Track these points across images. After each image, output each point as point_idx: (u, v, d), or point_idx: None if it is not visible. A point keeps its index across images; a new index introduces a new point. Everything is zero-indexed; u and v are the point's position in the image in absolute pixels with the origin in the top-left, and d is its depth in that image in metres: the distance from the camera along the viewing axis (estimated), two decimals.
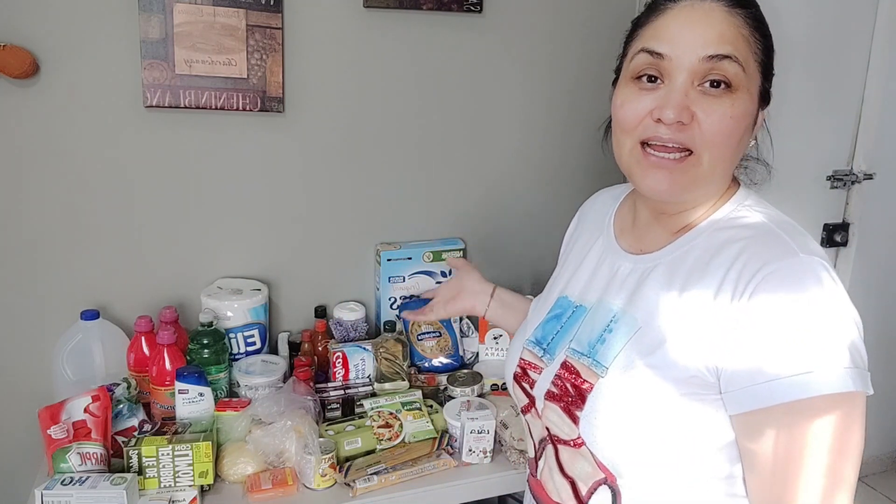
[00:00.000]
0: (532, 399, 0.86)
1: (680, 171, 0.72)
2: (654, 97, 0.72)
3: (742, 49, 0.71)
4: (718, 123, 0.70)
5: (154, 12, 1.35)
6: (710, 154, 0.72)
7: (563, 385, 0.81)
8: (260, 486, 1.12)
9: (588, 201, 1.04)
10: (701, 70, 0.70)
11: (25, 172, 1.36)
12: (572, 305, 0.87)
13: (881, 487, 2.56)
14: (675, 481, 0.74)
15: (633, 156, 0.75)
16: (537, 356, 0.87)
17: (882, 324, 2.38)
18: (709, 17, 0.71)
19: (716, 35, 0.70)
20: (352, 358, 1.42)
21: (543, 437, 0.85)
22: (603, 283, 0.85)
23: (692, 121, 0.71)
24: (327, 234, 1.60)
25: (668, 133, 0.71)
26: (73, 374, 1.31)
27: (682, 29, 0.71)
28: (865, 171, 2.16)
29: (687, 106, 0.70)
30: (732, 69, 0.70)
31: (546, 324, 0.89)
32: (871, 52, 2.10)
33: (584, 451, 0.78)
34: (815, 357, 0.64)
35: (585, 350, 0.80)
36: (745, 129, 0.74)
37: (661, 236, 0.81)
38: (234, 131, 1.47)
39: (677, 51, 0.71)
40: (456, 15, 1.57)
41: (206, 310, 1.39)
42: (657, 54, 0.72)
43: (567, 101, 1.71)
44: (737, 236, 0.73)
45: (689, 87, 0.71)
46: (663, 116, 0.71)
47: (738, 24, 0.71)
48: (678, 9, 0.72)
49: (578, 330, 0.83)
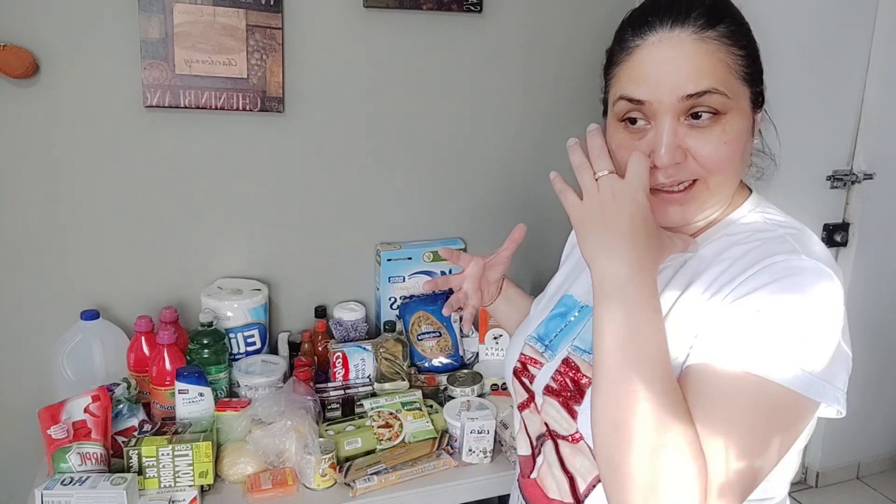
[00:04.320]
0: (531, 394, 0.87)
1: (689, 199, 0.73)
2: (646, 142, 0.72)
3: (722, 76, 0.69)
4: (713, 151, 0.70)
5: (154, 12, 1.35)
6: (714, 177, 0.72)
7: (562, 380, 0.81)
8: (260, 486, 1.12)
9: None
10: (683, 108, 0.69)
11: (25, 172, 1.36)
12: (578, 304, 0.88)
13: (881, 487, 2.56)
14: None
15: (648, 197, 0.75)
16: (538, 352, 0.88)
17: (882, 324, 2.38)
18: (680, 52, 0.69)
19: (691, 71, 0.68)
20: (352, 358, 1.42)
21: (542, 434, 0.85)
22: None
23: (686, 157, 0.70)
24: (327, 234, 1.60)
25: (667, 177, 0.71)
26: (73, 374, 1.31)
27: (657, 70, 0.70)
28: (865, 171, 2.16)
29: (678, 145, 0.70)
30: (717, 100, 0.69)
31: (549, 321, 0.90)
32: (871, 52, 2.10)
33: (583, 446, 0.78)
34: (790, 348, 0.63)
35: (588, 348, 0.80)
36: (745, 144, 0.73)
37: None
38: (234, 131, 1.48)
39: (657, 94, 0.69)
40: (456, 15, 1.57)
41: (206, 310, 1.39)
42: (637, 101, 0.71)
43: (567, 101, 1.71)
44: (745, 240, 0.74)
45: (676, 124, 0.70)
46: (658, 162, 0.70)
47: (712, 50, 0.69)
48: (647, 47, 0.70)
49: (584, 329, 0.83)
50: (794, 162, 1.99)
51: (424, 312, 1.56)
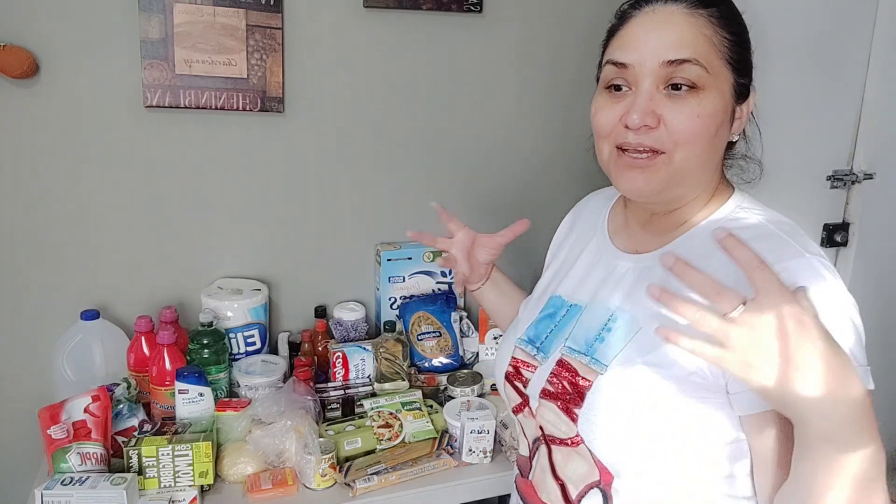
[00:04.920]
0: (525, 398, 0.86)
1: (652, 169, 0.74)
2: (624, 104, 0.75)
3: (703, 50, 0.72)
4: (685, 122, 0.72)
5: (154, 12, 1.35)
6: (681, 152, 0.73)
7: (559, 383, 0.81)
8: (260, 486, 1.12)
9: (581, 203, 1.05)
10: (663, 75, 0.72)
11: (25, 172, 1.36)
12: (566, 304, 0.87)
13: None
14: (673, 481, 0.74)
15: (610, 159, 0.79)
16: (530, 354, 0.87)
17: (882, 324, 2.37)
18: (668, 22, 0.73)
19: (675, 39, 0.72)
20: (352, 358, 1.42)
21: (537, 437, 0.85)
22: (598, 281, 0.85)
23: (659, 124, 0.73)
24: (327, 234, 1.60)
25: (636, 138, 0.74)
26: (73, 374, 1.31)
27: (644, 36, 0.74)
28: (865, 171, 2.16)
29: (652, 110, 0.72)
30: (694, 71, 0.72)
31: (539, 323, 0.89)
32: (871, 52, 2.10)
33: (582, 450, 0.77)
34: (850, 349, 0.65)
35: (583, 348, 0.80)
36: (719, 126, 0.75)
37: (657, 237, 0.82)
38: (234, 131, 1.47)
39: (640, 58, 0.73)
40: (456, 15, 1.57)
41: (206, 310, 1.39)
42: (621, 65, 0.75)
43: (567, 100, 1.71)
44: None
45: (654, 91, 0.73)
46: (629, 122, 0.73)
47: (700, 25, 0.73)
48: (640, 16, 0.75)
49: (574, 328, 0.83)
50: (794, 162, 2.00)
51: (424, 312, 1.56)
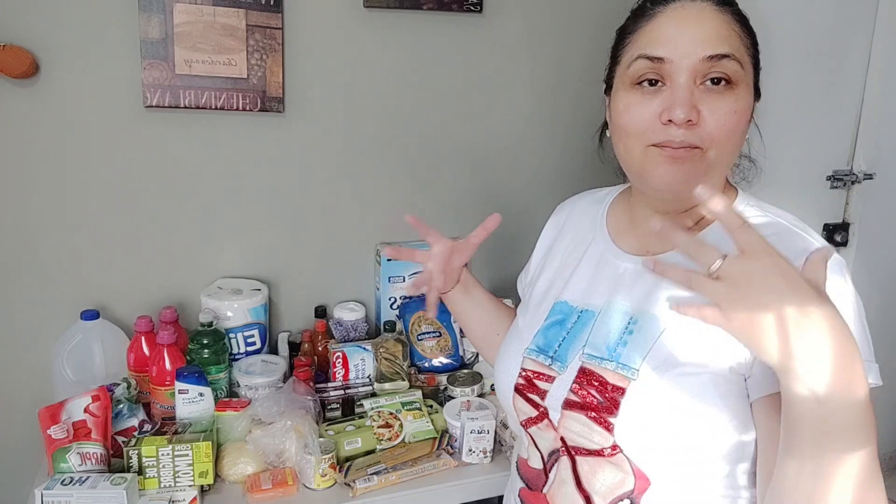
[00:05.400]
0: (543, 410, 0.82)
1: (690, 161, 0.72)
2: (661, 100, 0.72)
3: (737, 46, 0.72)
4: (724, 119, 0.71)
5: (154, 12, 1.35)
6: (716, 149, 0.72)
7: (586, 392, 0.77)
8: (260, 486, 1.12)
9: (563, 207, 1.02)
10: (702, 69, 0.71)
11: (25, 172, 1.36)
12: (575, 310, 0.84)
13: None
14: (706, 484, 0.73)
15: (646, 155, 0.74)
16: (544, 365, 0.83)
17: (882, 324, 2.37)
18: (702, 17, 0.72)
19: (713, 34, 0.71)
20: (352, 358, 1.42)
21: (555, 449, 0.81)
22: (608, 285, 0.83)
23: (699, 119, 0.71)
24: (327, 234, 1.60)
25: (680, 135, 0.71)
26: (73, 374, 1.31)
27: (678, 31, 0.72)
28: (865, 171, 2.16)
29: (694, 104, 0.71)
30: (732, 66, 0.71)
31: (547, 330, 0.86)
32: (871, 52, 2.10)
33: (618, 459, 0.75)
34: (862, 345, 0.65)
35: (605, 354, 0.77)
36: (746, 125, 0.75)
37: (668, 237, 0.81)
38: (234, 131, 1.47)
39: (677, 53, 0.71)
40: (456, 15, 1.57)
41: (206, 310, 1.39)
42: (657, 59, 0.72)
43: (568, 100, 1.71)
44: None
45: (693, 85, 0.71)
46: (674, 116, 0.70)
47: (730, 22, 0.73)
48: (670, 11, 0.73)
49: (591, 334, 0.80)
50: (794, 162, 2.00)
51: (424, 312, 1.56)
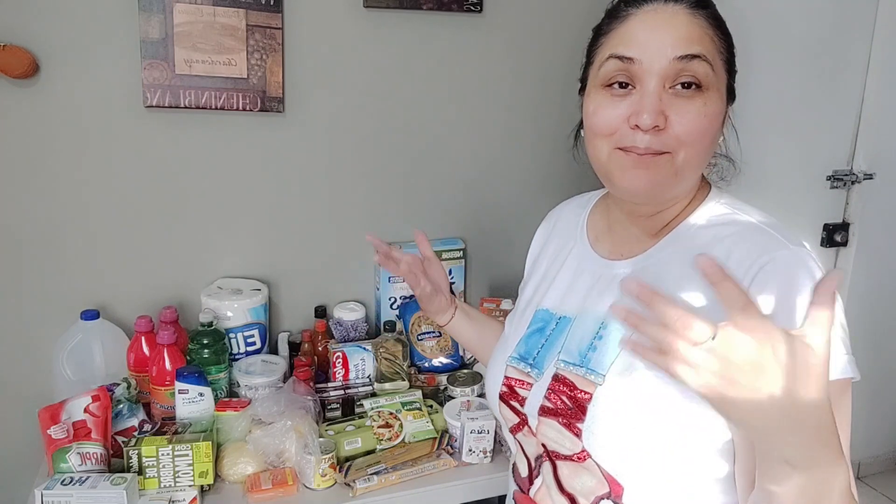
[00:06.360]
0: (523, 417, 0.83)
1: (655, 166, 0.72)
2: (628, 103, 0.72)
3: (709, 48, 0.72)
4: (692, 123, 0.71)
5: (154, 12, 1.35)
6: (684, 153, 0.72)
7: (558, 399, 0.78)
8: (260, 486, 1.12)
9: (553, 213, 1.02)
10: (672, 72, 0.71)
11: (25, 172, 1.36)
12: (554, 317, 0.85)
13: (881, 487, 2.56)
14: (678, 487, 0.73)
15: (611, 159, 0.75)
16: (524, 372, 0.84)
17: (881, 324, 2.38)
18: (674, 20, 0.72)
19: (684, 36, 0.71)
20: (352, 358, 1.42)
21: (539, 455, 0.82)
22: (584, 291, 0.83)
23: (666, 124, 0.71)
24: (327, 234, 1.60)
25: (645, 141, 0.71)
26: (73, 374, 1.31)
27: (650, 32, 0.72)
28: (865, 171, 2.16)
29: (661, 110, 0.70)
30: (703, 69, 0.71)
31: (528, 338, 0.86)
32: (871, 52, 2.10)
33: (590, 464, 0.76)
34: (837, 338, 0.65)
35: (576, 360, 0.78)
36: (718, 128, 0.74)
37: (641, 240, 0.81)
38: (234, 131, 1.48)
39: (647, 54, 0.71)
40: (456, 15, 1.57)
41: (206, 310, 1.39)
42: (627, 59, 0.72)
43: (568, 100, 1.71)
44: (721, 234, 0.74)
45: (662, 90, 0.71)
46: (640, 122, 0.70)
47: (703, 25, 0.72)
48: (642, 13, 0.73)
49: (566, 341, 0.81)
50: (795, 162, 2.00)
51: None
